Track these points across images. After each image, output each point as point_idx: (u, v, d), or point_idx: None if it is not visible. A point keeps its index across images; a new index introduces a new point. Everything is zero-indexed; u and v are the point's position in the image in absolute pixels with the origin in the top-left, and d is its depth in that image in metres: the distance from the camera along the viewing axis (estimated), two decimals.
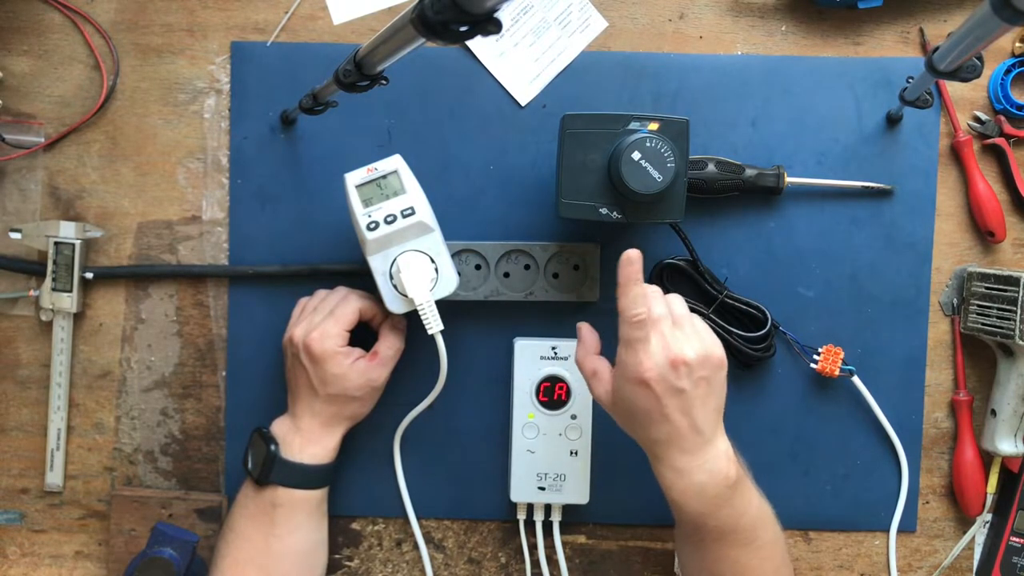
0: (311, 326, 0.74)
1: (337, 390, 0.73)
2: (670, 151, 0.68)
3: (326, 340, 0.73)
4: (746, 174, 0.78)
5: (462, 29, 0.47)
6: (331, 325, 0.73)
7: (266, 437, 0.74)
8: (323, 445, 0.75)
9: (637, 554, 0.83)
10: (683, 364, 0.64)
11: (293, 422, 0.75)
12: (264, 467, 0.73)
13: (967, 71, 0.62)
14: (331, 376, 0.73)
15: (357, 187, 0.72)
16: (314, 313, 0.75)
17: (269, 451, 0.73)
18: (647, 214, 0.71)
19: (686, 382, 0.64)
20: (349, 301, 0.75)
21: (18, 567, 0.82)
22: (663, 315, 0.66)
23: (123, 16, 0.80)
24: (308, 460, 0.74)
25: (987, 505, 0.81)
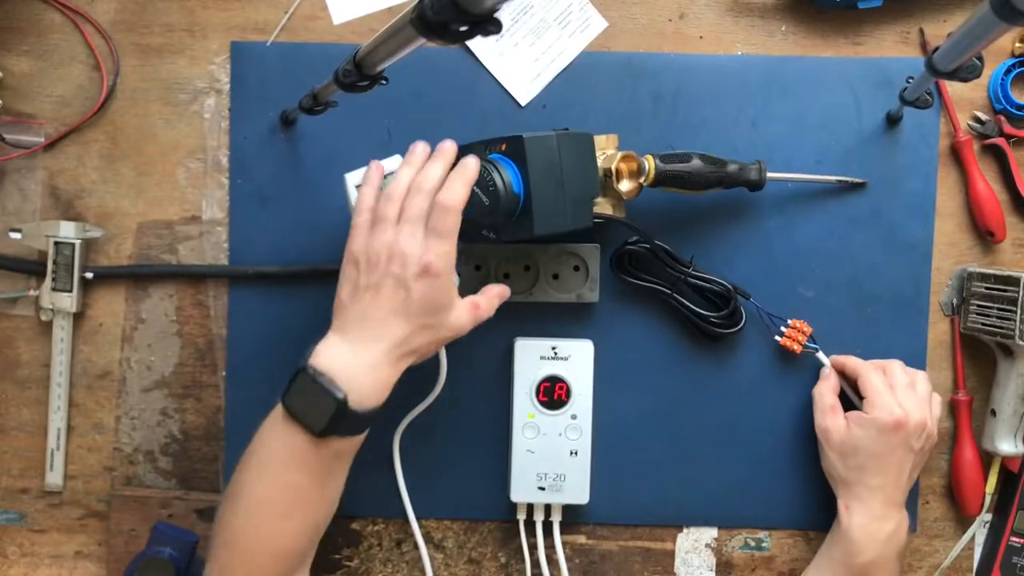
0: (419, 243, 0.64)
1: (435, 321, 0.65)
2: (494, 173, 0.68)
3: (447, 261, 0.64)
4: (729, 168, 0.77)
5: (462, 29, 0.47)
6: (446, 245, 0.64)
7: (329, 382, 0.63)
8: (389, 385, 0.66)
9: (637, 554, 0.83)
10: (923, 429, 0.74)
11: (361, 354, 0.64)
12: (332, 421, 0.63)
13: (967, 71, 0.62)
14: (440, 304, 0.65)
15: (357, 187, 0.72)
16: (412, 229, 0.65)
17: (339, 402, 0.62)
18: (509, 232, 0.71)
19: (917, 444, 0.74)
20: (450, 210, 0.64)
21: (18, 567, 0.82)
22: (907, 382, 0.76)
23: (123, 16, 0.80)
24: (374, 405, 0.65)
25: (986, 505, 0.81)
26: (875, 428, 0.74)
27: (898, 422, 0.73)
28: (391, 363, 0.65)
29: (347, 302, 0.66)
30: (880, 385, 0.75)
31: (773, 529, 0.83)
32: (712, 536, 0.83)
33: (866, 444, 0.74)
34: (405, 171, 0.68)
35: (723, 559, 0.83)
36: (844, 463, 0.76)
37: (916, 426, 0.74)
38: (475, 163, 0.67)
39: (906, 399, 0.75)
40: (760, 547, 0.83)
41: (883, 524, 0.74)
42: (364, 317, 0.65)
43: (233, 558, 0.66)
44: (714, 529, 0.83)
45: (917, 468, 0.76)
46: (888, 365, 0.77)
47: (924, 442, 0.75)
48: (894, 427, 0.73)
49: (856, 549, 0.74)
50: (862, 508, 0.74)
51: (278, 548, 0.66)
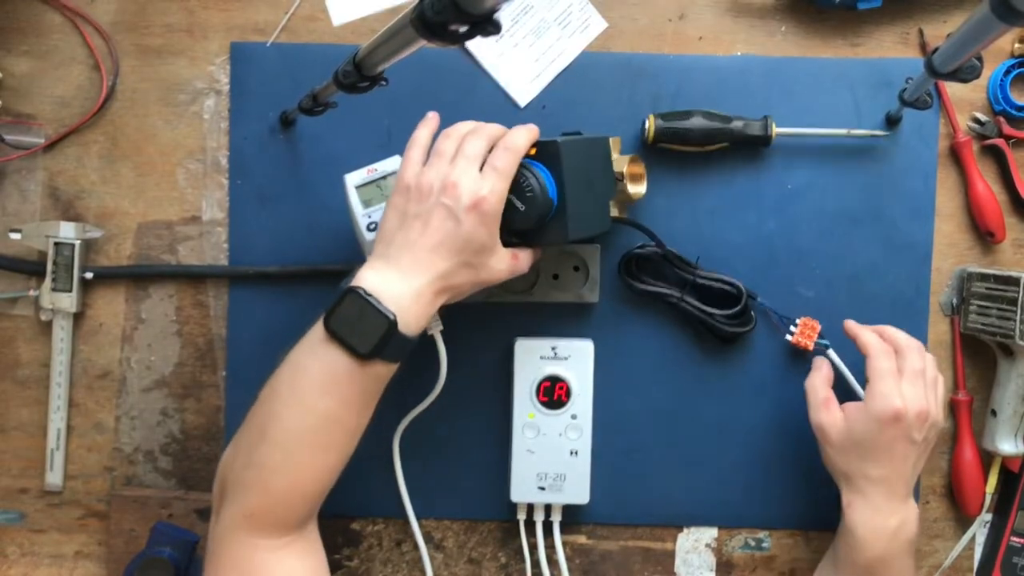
0: (474, 178, 0.64)
1: (477, 260, 0.65)
2: (530, 179, 0.67)
3: (500, 200, 0.64)
4: (733, 124, 0.77)
5: (462, 30, 0.47)
6: (502, 183, 0.64)
7: (379, 304, 0.62)
8: (428, 317, 0.65)
9: (637, 554, 0.83)
10: (924, 417, 0.71)
11: (407, 281, 0.64)
12: (380, 342, 0.62)
13: (966, 72, 0.62)
14: (485, 244, 0.65)
15: (357, 188, 0.72)
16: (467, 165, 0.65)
17: (390, 322, 0.62)
18: (537, 238, 0.70)
19: (920, 435, 0.71)
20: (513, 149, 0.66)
21: (18, 567, 0.82)
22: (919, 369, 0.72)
23: (123, 16, 0.80)
24: (416, 331, 0.64)
25: (986, 505, 0.81)
26: (874, 420, 0.70)
27: (897, 414, 0.69)
28: (431, 295, 0.64)
29: (393, 231, 0.65)
30: (885, 372, 0.72)
31: (773, 529, 0.83)
32: (712, 536, 0.83)
33: (864, 437, 0.71)
34: (466, 122, 0.69)
35: (723, 559, 0.83)
36: (843, 458, 0.73)
37: (917, 417, 0.70)
38: (536, 128, 0.68)
39: (910, 388, 0.71)
40: (760, 547, 0.83)
41: (887, 519, 0.71)
42: (411, 245, 0.64)
43: (265, 499, 0.63)
44: (714, 529, 0.83)
45: (922, 459, 0.73)
46: (904, 348, 0.73)
47: (928, 432, 0.71)
48: (893, 419, 0.70)
49: (861, 545, 0.71)
50: (864, 503, 0.71)
51: (314, 487, 0.65)
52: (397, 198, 0.66)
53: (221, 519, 0.65)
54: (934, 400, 0.72)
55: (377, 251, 0.66)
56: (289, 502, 0.64)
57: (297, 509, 0.65)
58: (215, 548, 0.65)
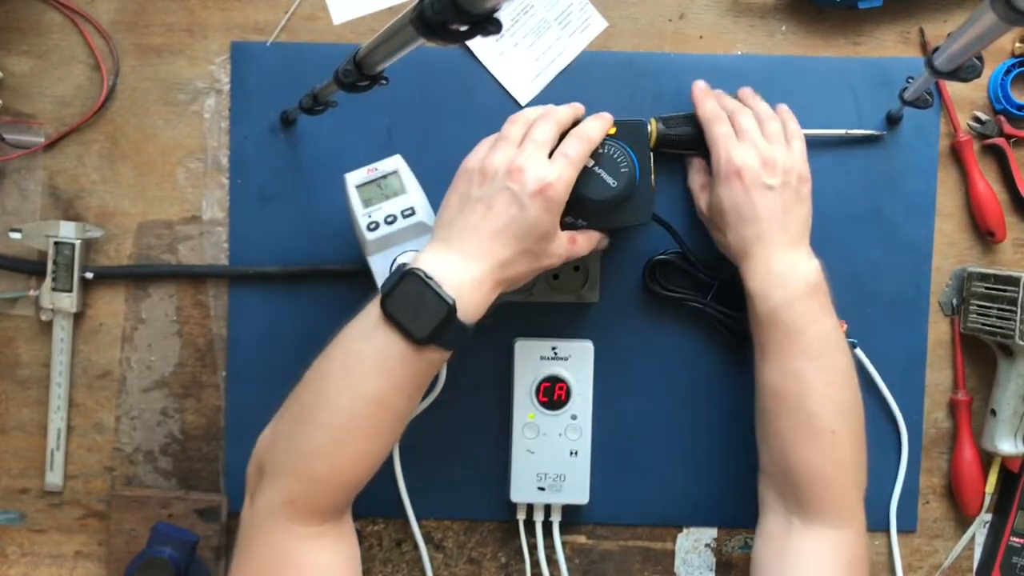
0: (542, 162, 0.63)
1: (539, 248, 0.64)
2: (624, 155, 0.68)
3: (567, 188, 0.63)
4: None
5: (462, 29, 0.47)
6: (570, 171, 0.64)
7: (439, 289, 0.60)
8: (485, 306, 0.63)
9: (637, 554, 0.83)
10: (772, 164, 0.70)
11: (470, 269, 0.62)
12: (438, 328, 0.60)
13: (967, 71, 0.62)
14: (548, 232, 0.63)
15: (357, 187, 0.72)
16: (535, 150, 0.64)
17: (449, 308, 0.60)
18: (613, 219, 0.71)
19: (775, 181, 0.70)
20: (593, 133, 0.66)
21: (18, 567, 0.82)
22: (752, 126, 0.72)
23: (123, 16, 0.80)
24: (473, 319, 0.62)
25: (986, 505, 0.81)
26: (721, 185, 0.71)
27: (737, 170, 0.69)
28: (492, 283, 0.63)
29: (454, 214, 0.64)
30: (720, 135, 0.72)
31: None
32: (712, 536, 0.83)
33: (724, 201, 0.70)
34: (535, 107, 0.69)
35: (723, 559, 0.83)
36: (724, 234, 0.72)
37: (763, 166, 0.69)
38: (611, 118, 0.68)
39: (747, 142, 0.71)
40: None
41: (772, 266, 0.69)
42: (473, 230, 0.63)
43: (307, 485, 0.62)
44: (714, 529, 0.83)
45: (797, 206, 0.70)
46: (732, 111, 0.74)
47: (786, 177, 0.70)
48: (735, 174, 0.70)
49: (756, 300, 0.70)
50: (751, 264, 0.70)
51: (356, 475, 0.63)
52: (460, 181, 0.65)
53: (257, 503, 0.63)
54: (781, 148, 0.71)
55: (437, 234, 0.64)
56: (330, 489, 0.62)
57: (337, 497, 0.63)
58: (248, 532, 0.63)
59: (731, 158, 0.70)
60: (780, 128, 0.74)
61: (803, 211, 0.72)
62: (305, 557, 0.62)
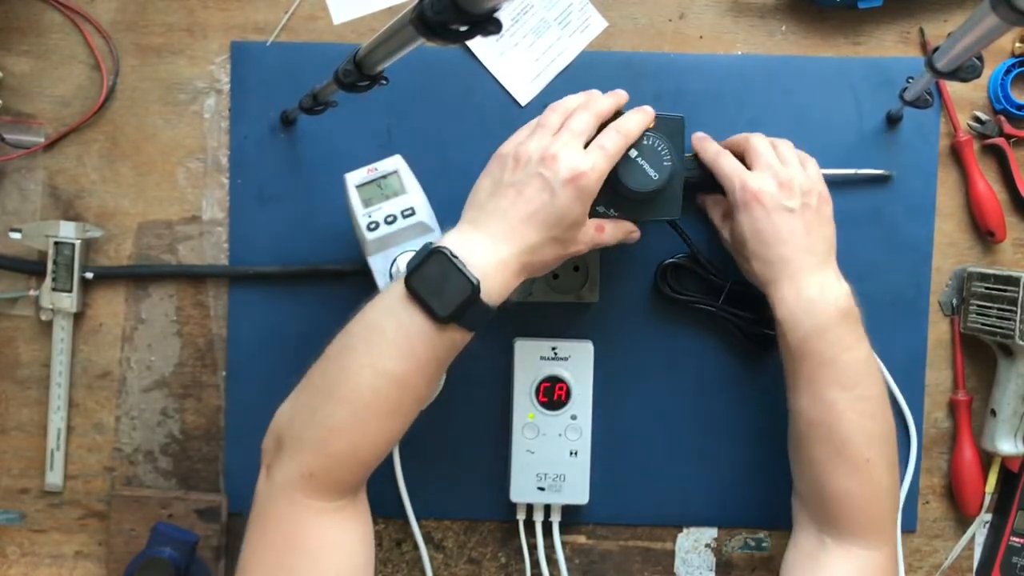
0: (578, 151, 0.63)
1: (566, 236, 0.64)
2: (666, 148, 0.68)
3: (599, 179, 0.63)
4: None
5: (462, 29, 0.47)
6: (605, 163, 0.63)
7: (464, 267, 0.60)
8: (511, 286, 0.63)
9: (637, 554, 0.83)
10: (790, 186, 0.69)
11: (496, 249, 0.62)
12: (461, 307, 0.60)
13: (967, 71, 0.62)
14: (576, 221, 0.63)
15: (357, 187, 0.72)
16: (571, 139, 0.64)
17: (473, 288, 0.60)
18: (644, 212, 0.71)
19: (795, 203, 0.69)
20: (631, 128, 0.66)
21: (18, 567, 0.82)
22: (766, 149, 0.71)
23: (123, 16, 0.80)
24: (497, 301, 0.62)
25: (986, 505, 0.81)
26: (740, 212, 0.70)
27: (753, 193, 0.69)
28: (517, 267, 0.63)
29: (486, 197, 0.64)
30: (729, 169, 0.71)
31: (773, 529, 0.83)
32: (712, 536, 0.83)
33: (746, 229, 0.70)
34: (576, 95, 0.68)
35: (723, 559, 0.83)
36: (746, 259, 0.72)
37: (780, 188, 0.69)
38: (653, 113, 0.68)
39: (760, 168, 0.70)
40: (760, 547, 0.83)
41: (801, 291, 0.68)
42: (502, 214, 0.63)
43: (326, 460, 0.62)
44: (714, 529, 0.83)
45: (819, 226, 0.70)
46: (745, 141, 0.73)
47: (803, 198, 0.69)
48: (753, 198, 0.69)
49: (787, 328, 0.68)
50: (777, 291, 0.69)
51: (374, 451, 0.63)
52: (493, 165, 0.65)
53: (273, 476, 0.63)
54: (798, 169, 0.71)
55: (466, 216, 0.65)
56: (349, 465, 0.62)
57: (355, 472, 0.63)
58: (263, 505, 0.63)
59: (746, 184, 0.70)
60: (793, 151, 0.73)
61: (827, 232, 0.71)
62: (320, 531, 0.62)
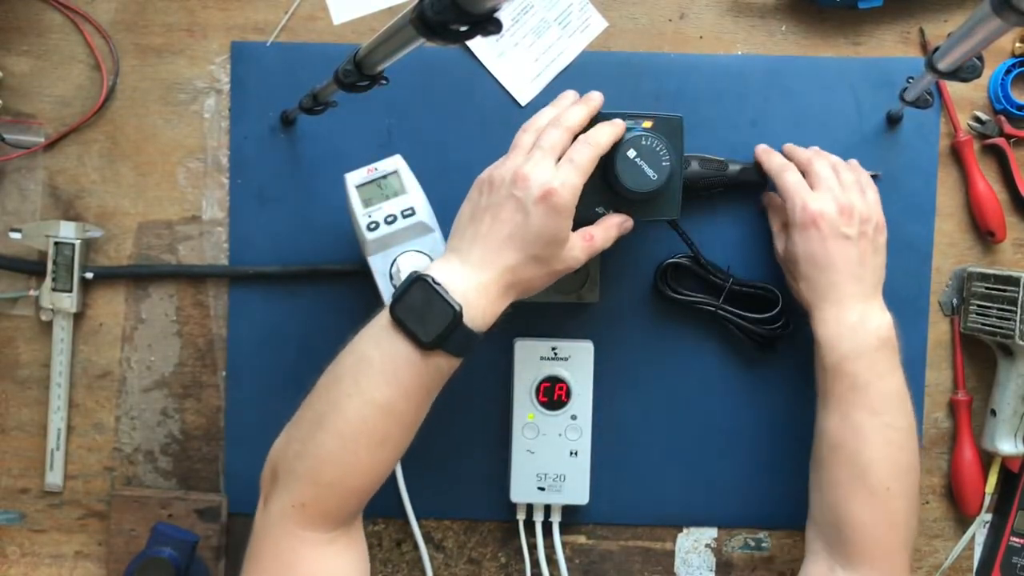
0: (548, 169, 0.63)
1: (548, 253, 0.63)
2: (665, 149, 0.68)
3: (572, 195, 0.62)
4: (729, 170, 0.78)
5: (462, 29, 0.47)
6: (576, 177, 0.63)
7: (445, 294, 0.61)
8: (496, 311, 0.64)
9: (637, 554, 0.83)
10: (850, 212, 0.70)
11: (476, 275, 0.63)
12: (444, 333, 0.60)
13: (967, 71, 0.62)
14: (556, 237, 0.63)
15: (357, 187, 0.72)
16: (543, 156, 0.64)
17: (455, 313, 0.60)
18: (643, 212, 0.71)
19: (852, 231, 0.70)
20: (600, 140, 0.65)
21: (18, 567, 0.82)
22: (829, 174, 0.72)
23: (123, 16, 0.80)
24: (481, 326, 0.63)
25: (986, 505, 0.81)
26: (797, 232, 0.71)
27: (812, 217, 0.70)
28: (499, 291, 0.63)
29: (465, 224, 0.65)
30: (792, 183, 0.72)
31: (773, 529, 0.83)
32: (712, 536, 0.83)
33: (800, 249, 0.71)
34: (549, 109, 0.69)
35: (723, 559, 0.83)
36: (799, 283, 0.73)
37: (840, 214, 0.70)
38: (624, 125, 0.67)
39: (823, 190, 0.71)
40: (760, 547, 0.83)
41: (844, 315, 0.69)
42: (481, 239, 0.63)
43: (318, 490, 0.62)
44: (714, 529, 0.83)
45: (872, 256, 0.71)
46: (806, 161, 0.74)
47: (861, 226, 0.70)
48: (812, 221, 0.70)
49: (824, 349, 0.70)
50: (822, 313, 0.71)
51: (366, 481, 0.63)
52: (473, 191, 0.66)
53: (269, 507, 0.63)
54: (858, 197, 0.71)
55: (450, 244, 0.65)
56: (341, 495, 0.62)
57: (348, 503, 0.63)
58: (260, 536, 0.63)
59: (807, 205, 0.70)
60: (855, 178, 0.73)
61: (879, 262, 0.72)
62: (314, 563, 0.62)
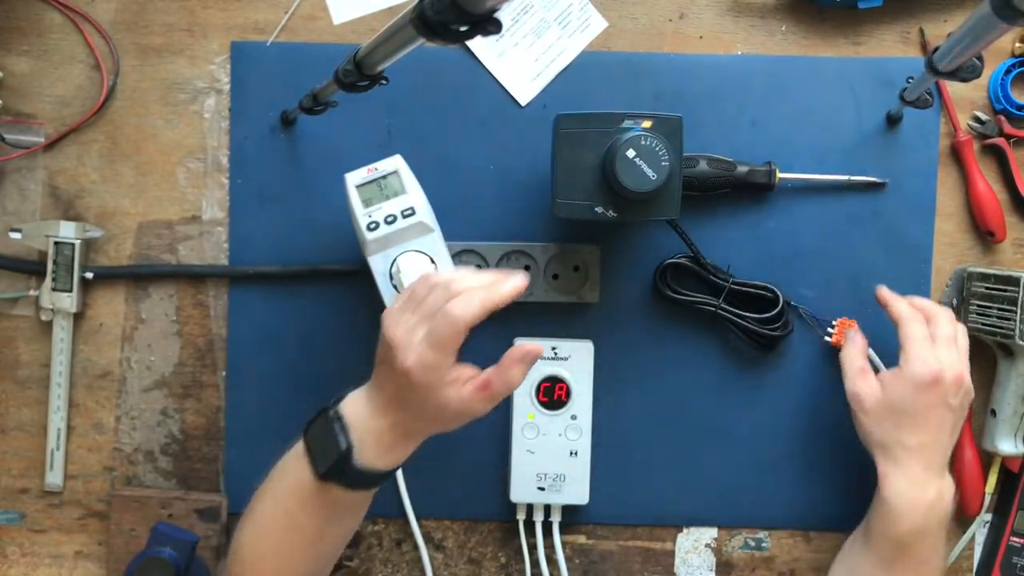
0: (409, 341, 0.60)
1: (431, 416, 0.63)
2: (664, 149, 0.68)
3: (430, 372, 0.60)
4: (737, 171, 0.78)
5: (462, 29, 0.47)
6: (432, 355, 0.60)
7: (342, 428, 0.62)
8: (399, 454, 0.64)
9: (637, 554, 0.83)
10: (959, 383, 0.70)
11: (373, 419, 0.63)
12: (333, 467, 0.62)
13: (967, 71, 0.62)
14: (427, 406, 0.62)
15: (357, 187, 0.72)
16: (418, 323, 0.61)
17: (341, 451, 0.62)
18: (642, 212, 0.71)
19: (956, 402, 0.70)
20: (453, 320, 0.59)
21: (18, 567, 0.82)
22: (951, 335, 0.72)
23: (123, 16, 0.80)
24: (381, 466, 0.63)
25: (986, 505, 0.81)
26: (911, 384, 0.69)
27: (935, 377, 0.69)
28: (394, 438, 0.63)
29: (378, 361, 0.64)
30: (919, 336, 0.71)
31: (773, 529, 0.83)
32: (712, 536, 0.83)
33: (902, 402, 0.70)
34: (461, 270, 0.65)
35: (723, 559, 0.83)
36: (880, 427, 0.71)
37: (954, 381, 0.69)
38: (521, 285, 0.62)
39: (945, 352, 0.70)
40: (760, 547, 0.83)
41: (924, 490, 0.69)
42: (378, 387, 0.64)
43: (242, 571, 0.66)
44: (714, 529, 0.83)
45: (957, 428, 0.71)
46: (934, 315, 0.73)
47: (963, 398, 0.70)
48: (932, 383, 0.69)
49: (896, 518, 0.69)
50: (901, 474, 0.70)
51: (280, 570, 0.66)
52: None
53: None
54: (967, 367, 0.71)
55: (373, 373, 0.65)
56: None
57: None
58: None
59: (929, 364, 0.69)
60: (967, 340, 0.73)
61: (958, 432, 0.73)
62: None
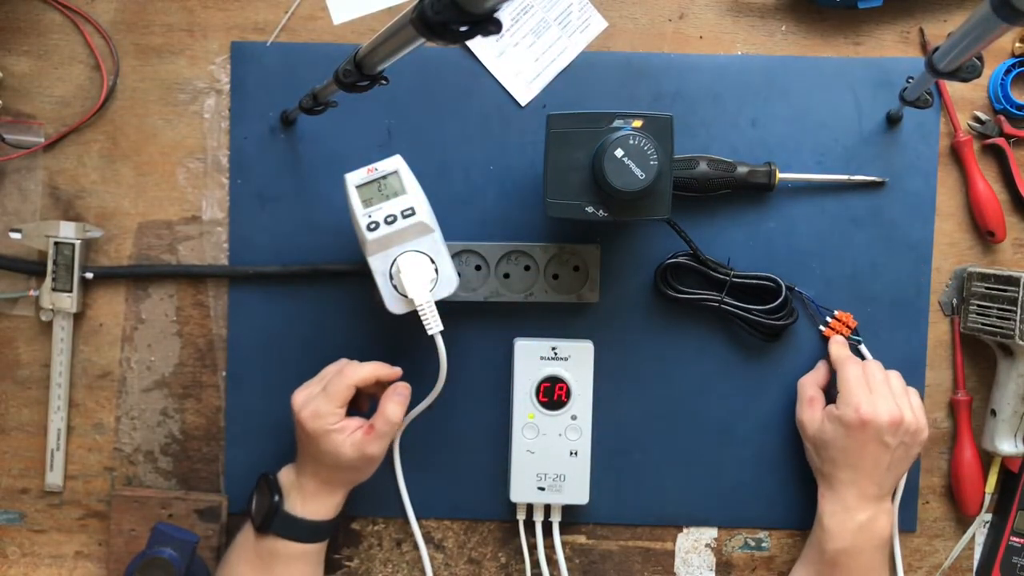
0: (308, 399, 0.73)
1: (331, 462, 0.73)
2: (653, 148, 0.68)
3: (317, 420, 0.72)
4: (738, 172, 0.78)
5: (462, 29, 0.47)
6: (323, 403, 0.72)
7: (272, 485, 0.74)
8: (323, 503, 0.74)
9: (637, 554, 0.83)
10: (897, 425, 0.73)
11: (297, 476, 0.75)
12: (266, 517, 0.73)
13: (967, 71, 0.62)
14: (324, 452, 0.72)
15: (357, 187, 0.72)
16: (314, 384, 0.74)
17: (272, 502, 0.73)
18: (633, 211, 0.71)
19: (893, 440, 0.73)
20: (344, 376, 0.73)
21: (18, 567, 0.82)
22: (882, 380, 0.75)
23: (123, 16, 0.80)
24: (309, 516, 0.74)
25: (986, 505, 0.81)
26: (842, 424, 0.73)
27: (863, 421, 0.72)
28: (318, 485, 0.74)
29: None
30: (853, 380, 0.75)
31: (773, 529, 0.83)
32: (712, 536, 0.83)
33: (835, 439, 0.74)
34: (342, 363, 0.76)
35: (723, 559, 0.83)
36: (818, 455, 0.76)
37: (890, 424, 0.72)
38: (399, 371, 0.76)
39: (880, 397, 0.73)
40: (760, 547, 0.83)
41: (854, 514, 0.73)
42: (297, 449, 0.76)
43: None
44: (714, 529, 0.83)
45: (902, 463, 0.75)
46: (864, 364, 0.77)
47: (905, 438, 0.73)
48: (860, 425, 0.72)
49: (827, 536, 0.74)
50: (834, 498, 0.75)
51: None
52: None
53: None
54: (908, 408, 0.74)
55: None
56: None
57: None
58: None
59: (860, 407, 0.73)
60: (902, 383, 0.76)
61: (904, 467, 0.76)
62: None
